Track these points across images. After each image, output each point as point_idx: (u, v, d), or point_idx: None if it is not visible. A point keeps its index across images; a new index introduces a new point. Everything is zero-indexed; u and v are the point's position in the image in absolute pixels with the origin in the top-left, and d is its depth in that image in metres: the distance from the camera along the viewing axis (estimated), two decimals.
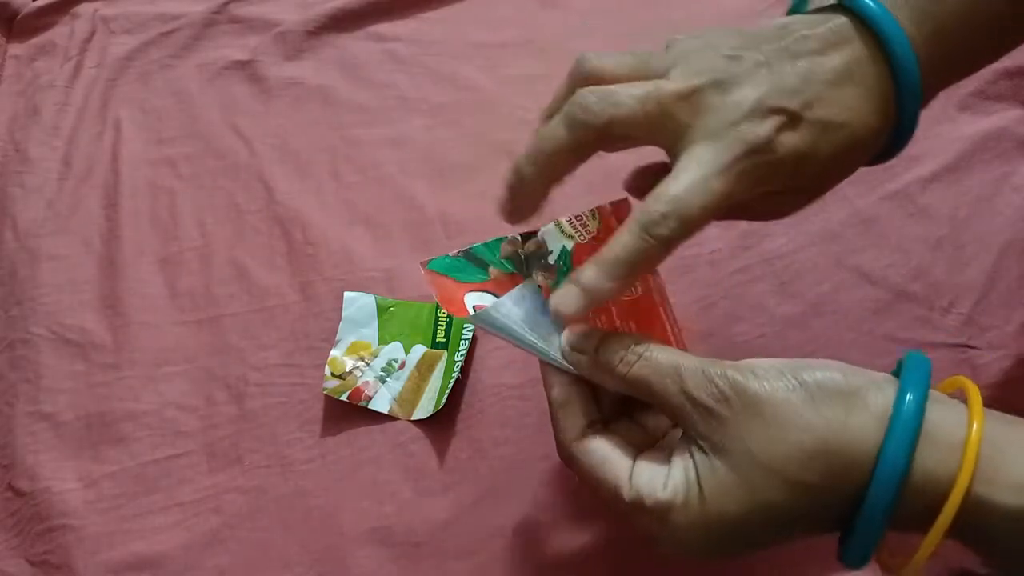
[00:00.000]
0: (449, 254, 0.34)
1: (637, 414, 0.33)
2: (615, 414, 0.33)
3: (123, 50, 0.69)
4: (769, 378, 0.27)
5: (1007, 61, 0.54)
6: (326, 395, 0.47)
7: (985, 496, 0.25)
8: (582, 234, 0.33)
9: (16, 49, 0.72)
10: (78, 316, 0.54)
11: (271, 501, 0.46)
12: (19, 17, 0.73)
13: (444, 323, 0.50)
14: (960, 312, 0.46)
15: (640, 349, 0.29)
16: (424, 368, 0.48)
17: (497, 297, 0.32)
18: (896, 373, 0.28)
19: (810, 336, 0.47)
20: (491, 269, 0.33)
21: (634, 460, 0.30)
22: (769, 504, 0.27)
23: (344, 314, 0.51)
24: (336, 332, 0.50)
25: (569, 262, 0.33)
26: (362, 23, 0.68)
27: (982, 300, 0.46)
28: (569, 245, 0.33)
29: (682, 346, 0.34)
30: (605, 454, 0.30)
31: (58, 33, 0.72)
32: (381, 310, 0.51)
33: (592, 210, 0.33)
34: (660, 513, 0.28)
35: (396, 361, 0.49)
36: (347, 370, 0.48)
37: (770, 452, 0.26)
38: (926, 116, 0.54)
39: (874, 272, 0.48)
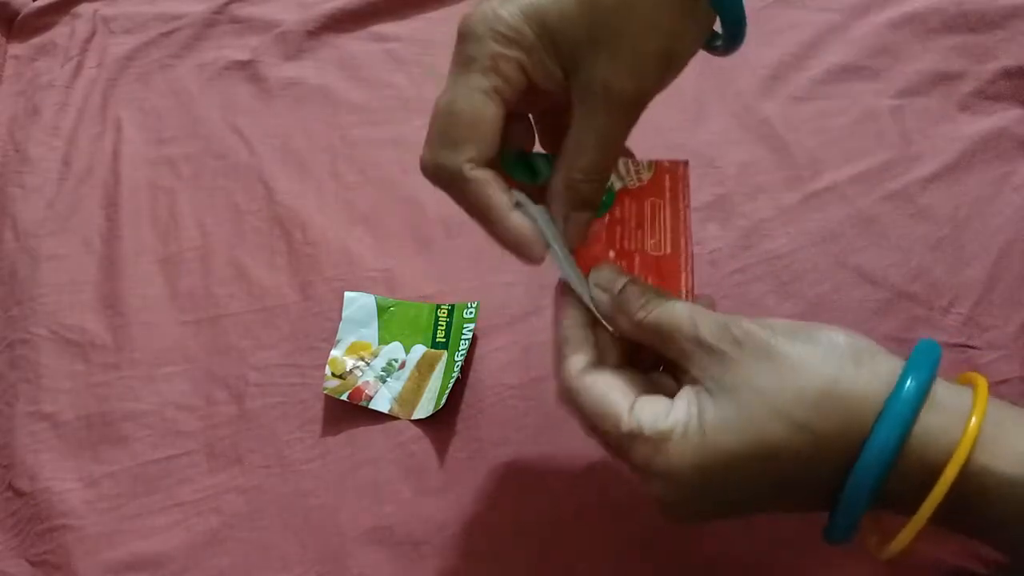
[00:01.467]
0: (514, 150, 0.33)
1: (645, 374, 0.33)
2: (620, 367, 0.33)
3: (123, 50, 0.69)
4: (784, 332, 0.28)
5: (1007, 61, 0.54)
6: (326, 395, 0.47)
7: (986, 464, 0.25)
8: (633, 180, 0.34)
9: (16, 49, 0.72)
10: (78, 316, 0.54)
11: (271, 501, 0.46)
12: (19, 17, 0.73)
13: (444, 323, 0.50)
14: (960, 312, 0.46)
15: (660, 299, 0.30)
16: (424, 368, 0.48)
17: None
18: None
19: None
20: (541, 180, 0.33)
21: (635, 397, 0.30)
22: (770, 444, 0.27)
23: (344, 314, 0.51)
24: (336, 332, 0.50)
25: (611, 201, 0.34)
26: (362, 23, 0.68)
27: (982, 300, 0.46)
28: (616, 185, 0.34)
29: None
30: (608, 386, 0.30)
31: (58, 33, 0.72)
32: (381, 310, 0.51)
33: (650, 161, 0.34)
34: (658, 442, 0.28)
35: (396, 361, 0.49)
36: (347, 370, 0.49)
37: (778, 391, 0.27)
38: (926, 116, 0.55)
39: (874, 272, 0.48)
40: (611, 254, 0.33)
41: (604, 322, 0.32)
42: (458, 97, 0.29)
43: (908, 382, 0.26)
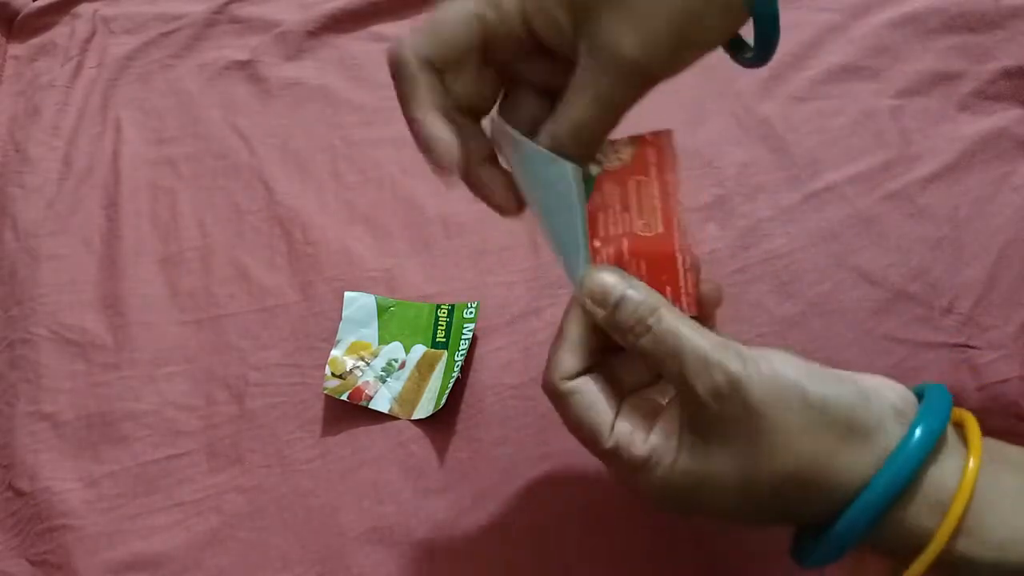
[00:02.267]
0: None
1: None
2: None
3: (123, 50, 0.69)
4: (776, 384, 0.27)
5: (1007, 61, 0.54)
6: (326, 395, 0.47)
7: (963, 551, 0.25)
8: (613, 161, 0.32)
9: (16, 49, 0.72)
10: (78, 316, 0.54)
11: (271, 501, 0.46)
12: (19, 17, 0.73)
13: (444, 323, 0.50)
14: (960, 312, 0.46)
15: (651, 321, 0.28)
16: (424, 368, 0.48)
17: None
18: (919, 393, 0.28)
19: (810, 336, 0.47)
20: None
21: (618, 410, 0.30)
22: (730, 503, 0.28)
23: (344, 314, 0.51)
24: (336, 332, 0.50)
25: (591, 188, 0.32)
26: (362, 23, 0.68)
27: (982, 300, 0.46)
28: (594, 170, 0.32)
29: (692, 302, 0.31)
30: (591, 400, 0.30)
31: (58, 33, 0.72)
32: (381, 310, 0.51)
33: (630, 137, 0.32)
34: (631, 467, 0.28)
35: (396, 361, 0.49)
36: (347, 370, 0.49)
37: (749, 466, 0.27)
38: (926, 116, 0.55)
39: (874, 272, 0.48)
40: (596, 243, 0.31)
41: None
42: (447, 6, 0.28)
43: (882, 482, 0.26)
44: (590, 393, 0.30)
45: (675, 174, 0.32)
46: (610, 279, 0.29)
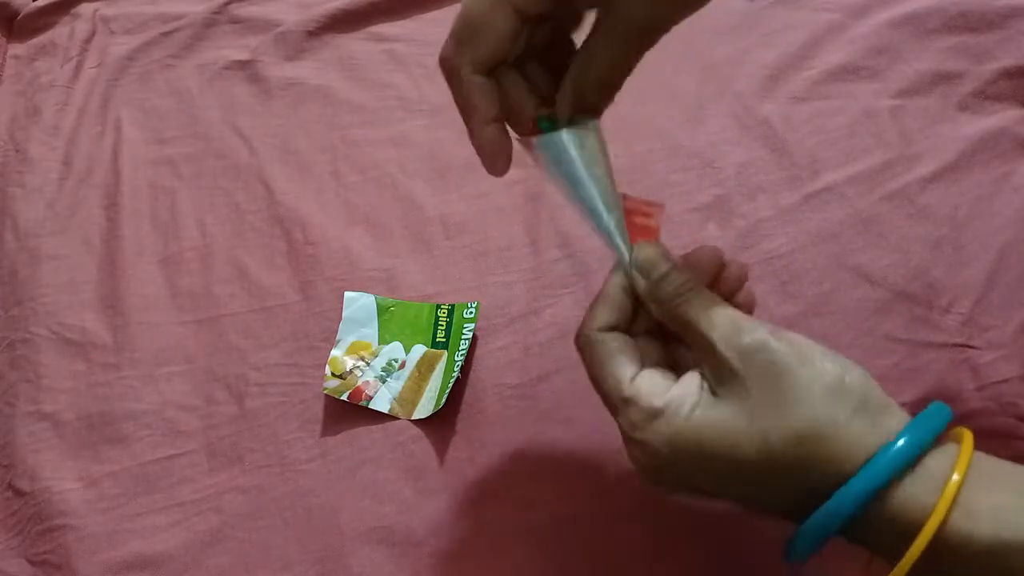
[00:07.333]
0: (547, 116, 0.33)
1: (669, 345, 0.34)
2: (648, 332, 0.33)
3: (123, 50, 0.69)
4: (800, 351, 0.28)
5: (1007, 61, 0.54)
6: (326, 395, 0.47)
7: (959, 530, 0.26)
8: None
9: (16, 49, 0.72)
10: (78, 316, 0.54)
11: (271, 501, 0.46)
12: (19, 17, 0.73)
13: (444, 323, 0.50)
14: (960, 312, 0.46)
15: (691, 294, 0.31)
16: (424, 368, 0.48)
17: None
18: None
19: (810, 336, 0.46)
20: None
21: (641, 367, 0.31)
22: (741, 457, 0.28)
23: (344, 314, 0.51)
24: (336, 332, 0.50)
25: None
26: (362, 23, 0.68)
27: (982, 300, 0.46)
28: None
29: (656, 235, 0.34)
30: (618, 349, 0.31)
31: (58, 33, 0.72)
32: (381, 310, 0.51)
33: (621, 194, 0.33)
34: (647, 415, 0.29)
35: (396, 361, 0.49)
36: (347, 370, 0.49)
37: (767, 419, 0.28)
38: (926, 116, 0.55)
39: (874, 272, 0.48)
40: None
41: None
42: (472, 1, 0.30)
43: (897, 445, 0.26)
44: (619, 343, 0.32)
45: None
46: (655, 254, 0.32)
